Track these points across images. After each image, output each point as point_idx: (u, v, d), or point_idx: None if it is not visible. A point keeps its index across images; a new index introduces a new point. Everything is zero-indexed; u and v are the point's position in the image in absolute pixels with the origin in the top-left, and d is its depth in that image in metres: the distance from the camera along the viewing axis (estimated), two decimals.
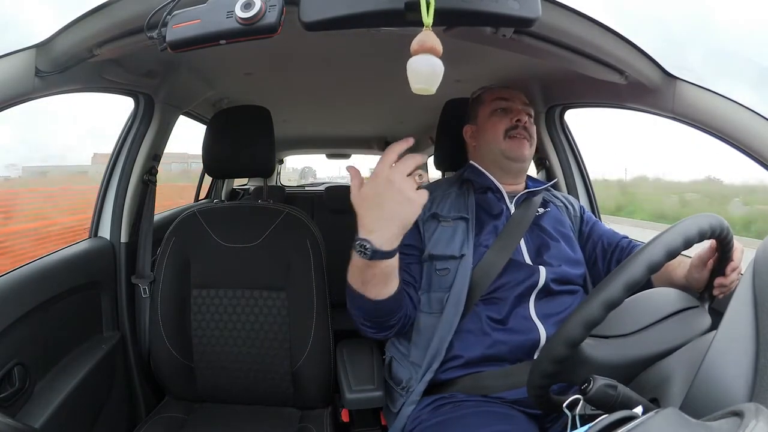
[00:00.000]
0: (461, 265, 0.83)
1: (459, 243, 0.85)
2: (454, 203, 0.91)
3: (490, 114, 0.95)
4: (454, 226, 0.87)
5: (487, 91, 1.01)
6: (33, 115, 6.16)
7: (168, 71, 1.14)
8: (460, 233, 0.86)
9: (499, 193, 0.93)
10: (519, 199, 0.93)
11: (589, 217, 1.01)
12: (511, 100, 0.95)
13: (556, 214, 0.96)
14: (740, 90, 0.76)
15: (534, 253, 0.87)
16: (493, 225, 0.89)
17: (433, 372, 0.82)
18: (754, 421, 0.31)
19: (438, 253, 0.85)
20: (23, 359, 0.81)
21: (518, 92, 0.98)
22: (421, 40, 0.48)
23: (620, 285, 0.49)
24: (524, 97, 0.98)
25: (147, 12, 0.56)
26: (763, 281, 0.44)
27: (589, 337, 0.52)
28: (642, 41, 0.74)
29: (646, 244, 0.52)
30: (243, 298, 1.08)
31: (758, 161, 0.73)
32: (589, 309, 0.49)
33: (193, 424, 1.01)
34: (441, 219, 0.88)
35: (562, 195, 1.05)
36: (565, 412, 0.51)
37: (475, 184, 0.94)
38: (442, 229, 0.87)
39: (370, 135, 2.62)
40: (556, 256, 0.87)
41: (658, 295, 0.62)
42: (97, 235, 1.16)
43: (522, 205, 0.92)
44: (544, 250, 0.87)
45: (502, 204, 0.92)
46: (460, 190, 0.94)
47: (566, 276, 0.85)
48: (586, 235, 0.97)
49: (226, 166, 1.17)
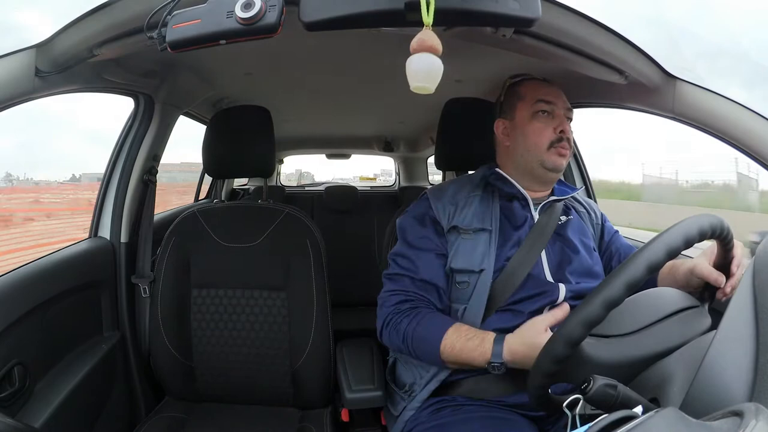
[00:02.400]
0: (480, 278, 0.81)
1: (480, 257, 0.82)
2: (477, 211, 0.86)
3: (532, 117, 0.86)
4: (474, 238, 0.83)
5: (528, 84, 0.90)
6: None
7: (168, 71, 1.14)
8: (482, 246, 0.82)
9: (525, 201, 0.88)
10: (544, 206, 0.88)
11: (610, 228, 0.97)
12: (555, 103, 0.86)
13: (579, 224, 0.91)
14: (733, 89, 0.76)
15: (555, 268, 0.83)
16: (516, 236, 0.85)
17: (438, 381, 0.81)
18: (754, 421, 0.31)
19: (458, 267, 0.82)
20: (23, 359, 0.81)
21: (560, 92, 0.89)
22: (421, 38, 0.48)
23: (621, 284, 0.49)
24: (566, 98, 0.89)
25: (147, 12, 0.56)
26: (763, 281, 0.44)
27: (589, 336, 0.52)
28: (642, 41, 0.74)
29: (647, 244, 0.52)
30: (243, 298, 1.08)
31: (758, 161, 0.73)
32: (589, 308, 0.49)
33: (193, 424, 1.01)
34: (461, 231, 0.84)
35: (584, 200, 0.99)
36: (565, 411, 0.51)
37: (501, 191, 0.89)
38: (462, 242, 0.84)
39: (370, 135, 2.62)
40: (576, 270, 0.84)
41: (658, 294, 0.62)
42: (97, 235, 1.16)
43: (546, 212, 0.87)
44: (565, 264, 0.84)
45: (526, 212, 0.87)
46: (484, 194, 0.89)
47: (584, 291, 0.82)
48: (606, 246, 0.94)
49: (226, 166, 1.17)
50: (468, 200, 0.88)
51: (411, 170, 2.91)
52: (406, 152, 2.77)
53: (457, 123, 1.08)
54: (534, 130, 0.86)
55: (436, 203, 0.87)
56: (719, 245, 0.63)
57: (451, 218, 0.85)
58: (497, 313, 0.80)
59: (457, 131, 1.09)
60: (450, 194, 0.88)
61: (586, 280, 0.83)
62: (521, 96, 0.89)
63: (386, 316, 0.83)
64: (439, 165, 1.20)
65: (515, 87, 0.92)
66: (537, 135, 0.86)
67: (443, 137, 1.14)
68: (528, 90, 0.89)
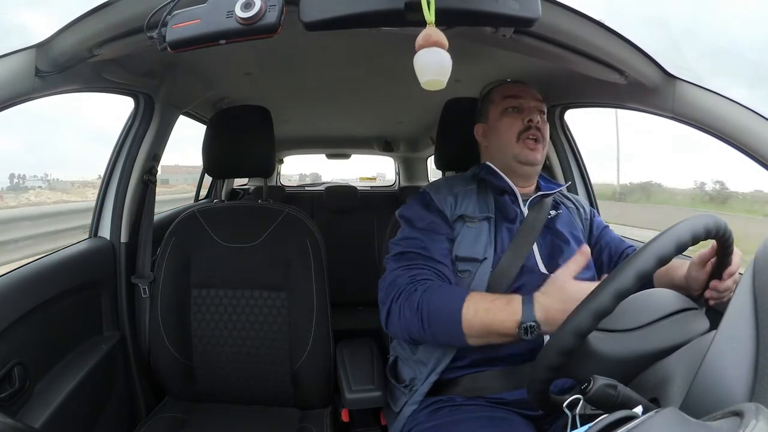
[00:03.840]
0: (481, 268, 0.82)
1: (483, 245, 0.83)
2: (477, 202, 0.88)
3: (501, 114, 0.92)
4: (479, 226, 0.85)
5: (497, 88, 0.96)
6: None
7: (168, 71, 1.14)
8: (485, 235, 0.84)
9: (514, 196, 0.91)
10: (532, 201, 0.90)
11: (599, 222, 0.99)
12: (522, 97, 0.91)
13: (569, 217, 0.94)
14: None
15: (547, 258, 0.85)
16: (509, 229, 0.87)
17: (438, 374, 0.81)
18: (754, 421, 0.31)
19: (462, 254, 0.83)
20: (23, 359, 0.81)
21: (529, 87, 0.94)
22: (426, 34, 0.48)
23: (631, 275, 0.49)
24: (536, 92, 0.93)
25: (147, 12, 0.56)
26: (763, 281, 0.44)
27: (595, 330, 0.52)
28: (642, 41, 0.74)
29: (656, 237, 0.52)
30: (243, 298, 1.08)
31: (758, 161, 0.73)
32: (599, 299, 0.49)
33: (193, 424, 1.01)
34: (467, 219, 0.86)
35: (573, 197, 1.03)
36: (565, 411, 0.51)
37: (492, 185, 0.92)
38: (467, 230, 0.85)
39: (371, 135, 2.62)
40: (568, 260, 0.85)
41: (656, 295, 0.62)
42: (97, 235, 1.16)
43: (534, 208, 0.89)
44: (557, 254, 0.86)
45: (516, 207, 0.90)
46: (479, 188, 0.91)
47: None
48: (595, 241, 0.96)
49: (226, 166, 1.17)
50: (466, 193, 0.90)
51: (411, 170, 2.91)
52: (406, 152, 2.77)
53: (457, 123, 1.08)
54: (504, 125, 0.91)
55: (436, 195, 0.89)
56: (719, 246, 0.63)
57: (454, 208, 0.87)
58: None
59: (457, 131, 1.09)
60: (446, 188, 0.90)
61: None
62: (492, 99, 0.95)
63: (398, 289, 0.77)
64: (439, 165, 1.20)
65: (488, 94, 0.98)
66: (506, 128, 0.91)
67: (443, 137, 1.14)
68: (497, 92, 0.95)
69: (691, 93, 0.80)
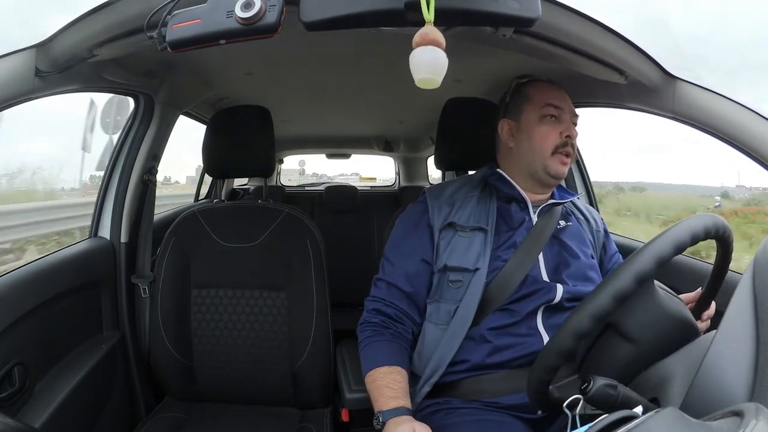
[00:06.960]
0: (474, 278, 0.81)
1: (475, 256, 0.82)
2: (474, 210, 0.86)
3: (539, 120, 0.86)
4: (471, 236, 0.84)
5: (536, 87, 0.89)
6: None
7: (168, 71, 1.14)
8: (477, 245, 0.83)
9: (524, 203, 0.88)
10: (543, 209, 0.88)
11: (613, 247, 0.97)
12: (562, 108, 0.86)
13: (578, 230, 0.91)
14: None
15: (552, 270, 0.83)
16: (513, 237, 0.85)
17: (430, 385, 0.81)
18: (754, 420, 0.31)
19: (452, 264, 0.82)
20: (23, 359, 0.81)
21: (567, 96, 0.89)
22: (423, 32, 0.48)
23: (629, 275, 0.50)
24: (571, 103, 0.89)
25: (147, 12, 0.56)
26: (763, 281, 0.44)
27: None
28: (642, 41, 0.74)
29: (654, 239, 0.52)
30: (243, 298, 1.08)
31: (758, 161, 0.73)
32: (598, 300, 0.50)
33: (193, 424, 1.01)
34: (458, 228, 0.84)
35: (585, 207, 0.99)
36: (565, 411, 0.51)
37: (499, 192, 0.89)
38: (458, 239, 0.84)
39: (370, 135, 2.62)
40: (574, 274, 0.84)
41: None
42: (97, 235, 1.16)
43: (544, 216, 0.87)
44: (562, 267, 0.84)
45: (524, 214, 0.87)
46: (482, 194, 0.89)
47: (581, 294, 0.81)
48: (604, 259, 0.95)
49: (226, 166, 1.17)
50: (465, 200, 0.88)
51: (411, 170, 2.91)
52: (406, 152, 2.77)
53: (457, 123, 1.08)
54: (540, 133, 0.86)
55: (433, 202, 0.88)
56: (719, 247, 0.63)
57: (447, 216, 0.86)
58: (493, 313, 0.80)
59: (457, 131, 1.09)
60: (448, 194, 0.89)
61: (583, 283, 0.83)
62: (529, 98, 0.89)
63: (362, 318, 0.87)
64: (439, 165, 1.20)
65: (523, 88, 0.91)
66: (543, 138, 0.86)
67: (443, 137, 1.14)
68: (536, 92, 0.88)
69: (691, 93, 0.79)
